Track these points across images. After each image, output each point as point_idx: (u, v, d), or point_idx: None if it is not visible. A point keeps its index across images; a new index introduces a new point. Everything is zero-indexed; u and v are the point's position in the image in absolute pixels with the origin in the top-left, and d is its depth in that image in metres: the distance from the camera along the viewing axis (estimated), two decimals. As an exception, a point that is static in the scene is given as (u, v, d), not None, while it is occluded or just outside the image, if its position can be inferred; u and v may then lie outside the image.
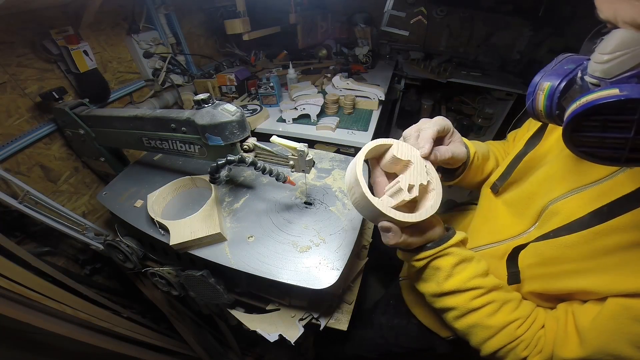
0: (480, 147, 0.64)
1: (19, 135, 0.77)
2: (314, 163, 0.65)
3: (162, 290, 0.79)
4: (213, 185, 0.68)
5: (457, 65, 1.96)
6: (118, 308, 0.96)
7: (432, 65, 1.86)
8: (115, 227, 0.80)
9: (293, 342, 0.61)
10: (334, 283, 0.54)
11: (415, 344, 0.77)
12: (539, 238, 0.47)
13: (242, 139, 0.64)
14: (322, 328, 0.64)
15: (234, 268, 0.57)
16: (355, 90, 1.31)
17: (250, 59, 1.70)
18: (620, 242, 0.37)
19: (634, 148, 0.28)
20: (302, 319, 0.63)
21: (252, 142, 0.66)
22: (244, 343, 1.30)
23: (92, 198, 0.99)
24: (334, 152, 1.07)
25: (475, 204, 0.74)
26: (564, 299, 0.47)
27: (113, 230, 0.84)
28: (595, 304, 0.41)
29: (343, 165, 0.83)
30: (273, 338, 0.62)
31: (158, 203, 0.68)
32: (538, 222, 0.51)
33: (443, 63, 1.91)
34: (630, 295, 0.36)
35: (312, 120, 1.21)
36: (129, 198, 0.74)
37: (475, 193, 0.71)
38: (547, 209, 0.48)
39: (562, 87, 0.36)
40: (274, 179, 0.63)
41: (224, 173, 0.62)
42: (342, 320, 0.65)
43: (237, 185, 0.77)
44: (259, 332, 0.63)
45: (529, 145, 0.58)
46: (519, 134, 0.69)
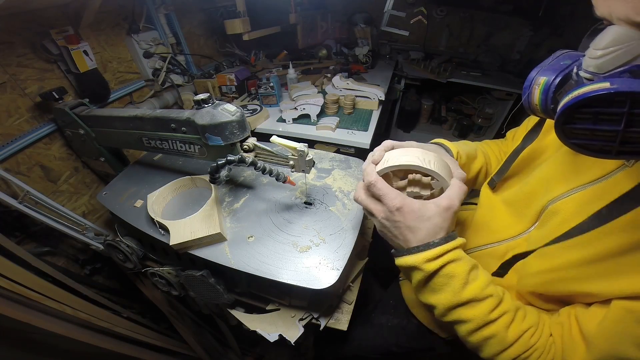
0: (466, 146, 0.66)
1: (19, 135, 0.77)
2: (314, 163, 0.65)
3: (162, 290, 0.79)
4: (213, 185, 0.68)
5: (457, 65, 1.96)
6: (118, 308, 0.96)
7: (432, 65, 1.86)
8: (115, 227, 0.80)
9: (293, 342, 0.61)
10: (334, 283, 0.54)
11: (415, 344, 0.77)
12: (541, 246, 0.46)
13: (242, 139, 0.64)
14: (322, 328, 0.64)
15: (234, 268, 0.57)
16: (355, 90, 1.31)
17: (250, 59, 1.70)
18: (621, 243, 0.37)
19: (624, 141, 0.29)
20: (302, 319, 0.63)
21: (252, 142, 0.66)
22: (244, 343, 1.30)
23: (92, 198, 0.99)
24: (334, 152, 1.07)
25: (475, 204, 0.74)
26: (565, 301, 0.46)
27: (113, 230, 0.84)
28: (600, 307, 0.40)
29: (343, 165, 0.83)
30: (273, 338, 0.62)
31: (158, 203, 0.68)
32: (538, 222, 0.50)
33: (443, 63, 1.91)
34: (634, 298, 0.36)
35: (312, 120, 1.21)
36: (129, 198, 0.74)
37: (475, 192, 0.72)
38: (546, 209, 0.48)
39: (557, 81, 0.36)
40: (274, 179, 0.63)
41: (224, 173, 0.62)
42: (342, 320, 0.65)
43: (237, 185, 0.77)
44: (259, 332, 0.63)
45: (527, 141, 0.58)
46: (519, 132, 0.69)
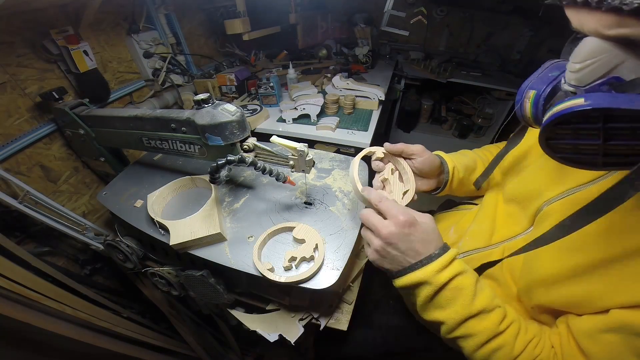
0: (464, 157, 0.67)
1: (19, 135, 0.77)
2: (314, 163, 0.65)
3: (162, 290, 0.79)
4: (213, 185, 0.68)
5: (457, 65, 1.96)
6: (118, 308, 0.96)
7: (432, 65, 1.86)
8: (115, 227, 0.80)
9: (293, 342, 0.61)
10: (334, 283, 0.54)
11: (415, 344, 0.77)
12: (516, 252, 0.49)
13: (242, 139, 0.64)
14: (322, 328, 0.64)
15: (234, 268, 0.57)
16: (355, 90, 1.31)
17: (250, 59, 1.70)
18: (585, 258, 0.38)
19: (608, 153, 0.29)
20: (302, 319, 0.63)
21: (252, 142, 0.66)
22: (244, 343, 1.30)
23: (92, 198, 0.99)
24: (334, 152, 1.07)
25: (474, 204, 0.74)
26: (556, 312, 0.46)
27: (113, 230, 0.84)
28: (591, 317, 0.39)
29: (343, 165, 0.83)
30: (273, 338, 0.62)
31: (158, 203, 0.68)
32: (534, 224, 0.51)
33: (443, 63, 1.91)
34: (627, 307, 0.36)
35: (312, 120, 1.21)
36: (129, 198, 0.74)
37: (474, 192, 0.72)
38: (541, 211, 0.49)
39: (546, 94, 0.37)
40: (274, 179, 0.63)
41: (224, 173, 0.62)
42: (342, 320, 0.65)
43: (237, 185, 0.77)
44: (259, 332, 0.63)
45: (511, 143, 0.59)
46: None
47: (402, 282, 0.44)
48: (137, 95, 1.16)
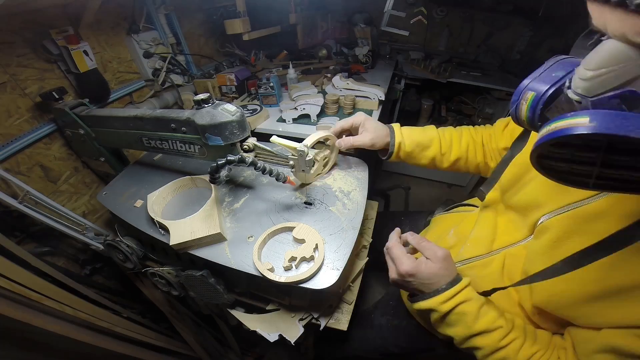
0: (417, 135, 0.73)
1: (19, 135, 0.77)
2: (314, 163, 0.65)
3: (162, 290, 0.79)
4: (213, 185, 0.68)
5: (457, 65, 1.96)
6: (118, 308, 0.96)
7: (432, 65, 1.86)
8: (115, 227, 0.80)
9: (293, 342, 0.61)
10: (334, 283, 0.54)
11: (415, 345, 0.77)
12: (521, 282, 0.51)
13: (242, 139, 0.64)
14: (322, 328, 0.63)
15: (234, 268, 0.57)
16: (355, 90, 1.31)
17: (250, 59, 1.69)
18: (596, 287, 0.40)
19: (601, 177, 0.27)
20: (302, 319, 0.63)
21: (252, 142, 0.66)
22: (244, 343, 1.30)
23: (92, 198, 0.99)
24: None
25: (475, 206, 0.74)
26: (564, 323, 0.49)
27: (113, 230, 0.84)
28: (592, 332, 0.43)
29: (343, 166, 0.83)
30: (273, 338, 0.62)
31: (158, 203, 0.68)
32: (533, 234, 0.52)
33: (443, 63, 1.91)
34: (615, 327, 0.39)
35: (312, 120, 1.20)
36: (129, 198, 0.74)
37: (474, 193, 0.72)
38: (540, 223, 0.50)
39: (546, 97, 0.34)
40: (274, 179, 0.63)
41: (224, 173, 0.62)
42: (342, 321, 0.65)
43: (237, 185, 0.77)
44: (259, 332, 0.63)
45: (515, 148, 0.58)
46: (510, 126, 0.69)
47: (417, 306, 0.55)
48: (137, 95, 1.15)
